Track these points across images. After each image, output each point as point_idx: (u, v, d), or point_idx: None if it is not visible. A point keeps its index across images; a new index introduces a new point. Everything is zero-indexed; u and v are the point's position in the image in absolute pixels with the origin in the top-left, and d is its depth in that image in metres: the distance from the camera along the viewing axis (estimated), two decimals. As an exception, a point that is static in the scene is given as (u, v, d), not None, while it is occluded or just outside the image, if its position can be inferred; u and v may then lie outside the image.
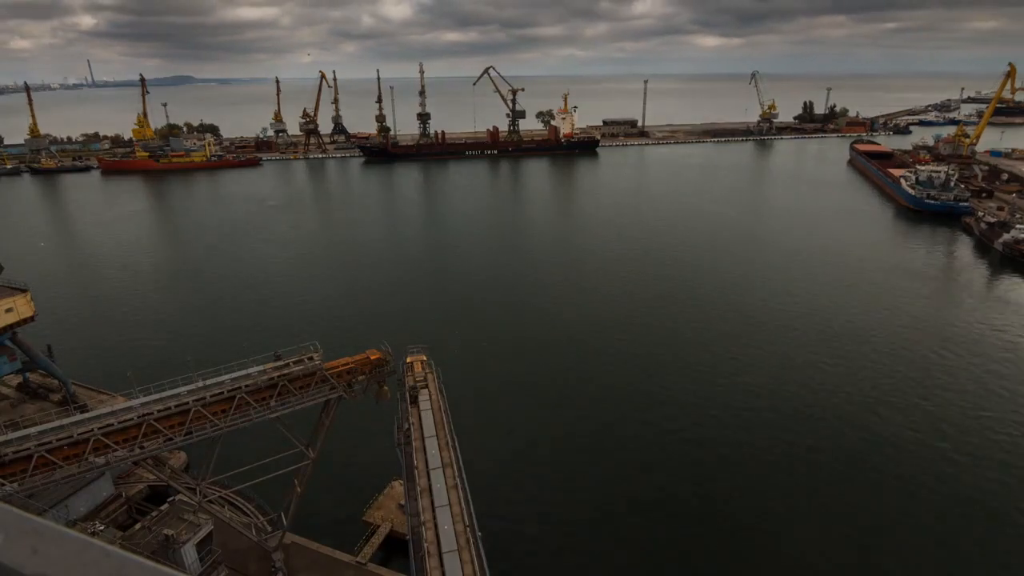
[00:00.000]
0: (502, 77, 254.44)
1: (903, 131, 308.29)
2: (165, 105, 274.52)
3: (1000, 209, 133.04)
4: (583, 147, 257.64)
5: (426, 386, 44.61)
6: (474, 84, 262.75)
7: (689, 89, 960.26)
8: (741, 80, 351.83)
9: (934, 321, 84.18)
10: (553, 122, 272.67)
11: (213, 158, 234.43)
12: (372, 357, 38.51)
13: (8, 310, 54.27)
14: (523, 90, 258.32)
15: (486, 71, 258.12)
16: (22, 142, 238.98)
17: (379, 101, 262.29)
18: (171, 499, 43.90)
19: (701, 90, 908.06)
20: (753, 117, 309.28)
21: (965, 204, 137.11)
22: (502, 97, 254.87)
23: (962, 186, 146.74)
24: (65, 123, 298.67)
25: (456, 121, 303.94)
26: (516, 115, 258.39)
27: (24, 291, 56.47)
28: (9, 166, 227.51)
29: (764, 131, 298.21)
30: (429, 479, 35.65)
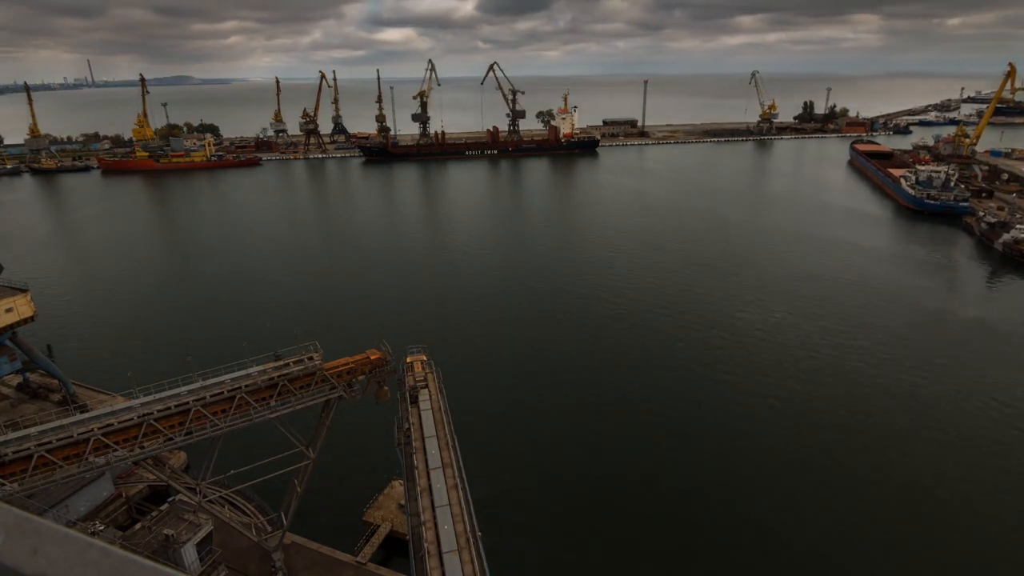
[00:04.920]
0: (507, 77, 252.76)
1: (903, 131, 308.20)
2: (165, 105, 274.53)
3: (1000, 209, 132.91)
4: (583, 147, 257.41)
5: (426, 386, 44.57)
6: (482, 83, 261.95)
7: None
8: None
9: (935, 321, 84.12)
10: (553, 122, 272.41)
11: (213, 158, 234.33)
12: (372, 357, 38.52)
13: (8, 310, 54.35)
14: (523, 92, 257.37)
15: (491, 69, 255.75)
16: (22, 142, 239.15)
17: (379, 101, 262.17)
18: (171, 499, 43.89)
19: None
20: (753, 117, 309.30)
21: (965, 204, 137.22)
22: (504, 96, 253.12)
23: (962, 186, 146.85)
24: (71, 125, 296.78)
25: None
26: (516, 115, 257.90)
27: (24, 291, 56.55)
28: (9, 166, 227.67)
29: (764, 131, 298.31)
30: (429, 479, 35.62)
